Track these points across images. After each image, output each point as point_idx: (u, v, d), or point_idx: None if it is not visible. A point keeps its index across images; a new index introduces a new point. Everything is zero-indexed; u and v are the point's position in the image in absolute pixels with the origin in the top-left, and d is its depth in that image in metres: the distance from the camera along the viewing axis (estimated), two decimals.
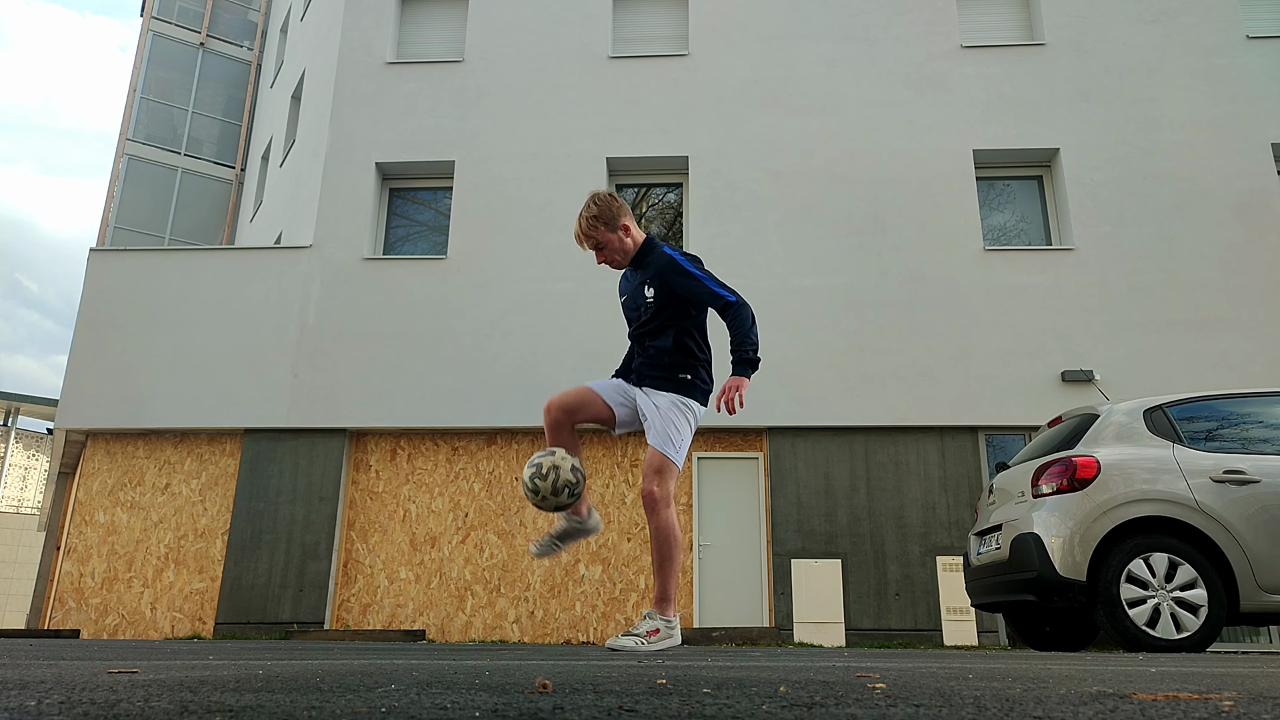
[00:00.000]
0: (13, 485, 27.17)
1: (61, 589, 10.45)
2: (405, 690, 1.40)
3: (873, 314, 10.67)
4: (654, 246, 3.86)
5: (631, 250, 3.87)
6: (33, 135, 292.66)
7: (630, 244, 3.85)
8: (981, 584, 5.73)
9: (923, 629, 9.60)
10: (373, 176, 11.64)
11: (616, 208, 3.82)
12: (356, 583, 10.31)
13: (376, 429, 10.64)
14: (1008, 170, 11.58)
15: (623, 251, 3.85)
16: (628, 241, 3.85)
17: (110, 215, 17.53)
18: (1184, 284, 10.55)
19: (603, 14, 12.19)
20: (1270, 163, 10.98)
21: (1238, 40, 11.51)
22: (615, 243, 3.81)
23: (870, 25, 11.88)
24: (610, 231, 3.80)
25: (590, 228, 3.79)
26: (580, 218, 3.81)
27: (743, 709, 1.17)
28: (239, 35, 19.54)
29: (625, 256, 3.87)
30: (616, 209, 3.81)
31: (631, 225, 3.88)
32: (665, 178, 11.95)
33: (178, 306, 11.12)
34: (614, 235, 3.81)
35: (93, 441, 10.95)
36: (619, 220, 3.81)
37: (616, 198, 3.87)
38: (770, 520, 10.12)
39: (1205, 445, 5.08)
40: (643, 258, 3.86)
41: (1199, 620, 4.71)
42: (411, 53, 12.45)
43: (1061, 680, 1.81)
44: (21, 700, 1.20)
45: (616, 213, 3.81)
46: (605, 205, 3.81)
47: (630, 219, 3.88)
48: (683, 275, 3.72)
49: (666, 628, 3.61)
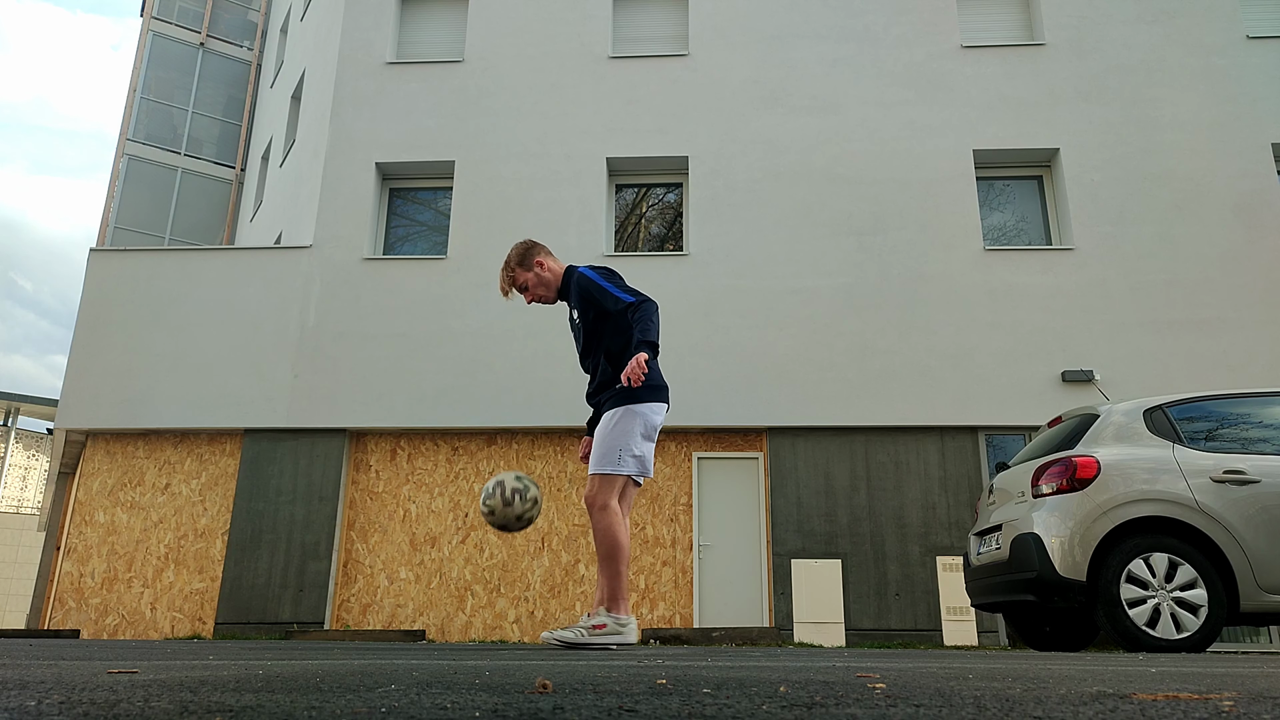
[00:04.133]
0: (13, 485, 27.17)
1: (61, 589, 10.45)
2: (405, 690, 1.40)
3: (873, 314, 10.67)
4: (573, 271, 4.02)
5: (554, 282, 4.04)
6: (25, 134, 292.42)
7: (550, 276, 4.02)
8: (981, 584, 5.73)
9: (923, 629, 9.60)
10: (373, 176, 11.64)
11: (528, 246, 4.02)
12: (356, 583, 10.31)
13: (376, 429, 10.64)
14: (1008, 170, 11.58)
15: (544, 285, 4.02)
16: (546, 275, 4.01)
17: (110, 215, 17.53)
18: (1184, 284, 10.55)
19: (603, 14, 12.19)
20: (1270, 163, 10.98)
21: (1238, 40, 11.51)
22: (533, 280, 4.00)
23: (870, 25, 11.88)
24: (525, 271, 4.00)
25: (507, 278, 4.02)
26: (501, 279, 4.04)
27: (743, 709, 1.17)
28: (239, 35, 19.54)
29: (549, 289, 4.04)
30: (528, 248, 4.02)
31: (547, 259, 4.04)
32: (665, 178, 11.95)
33: (178, 306, 11.12)
34: (529, 274, 4.00)
35: (93, 441, 10.95)
36: (531, 258, 4.00)
37: (530, 239, 4.09)
38: (770, 520, 10.12)
39: (1205, 445, 5.08)
40: (566, 285, 4.03)
41: (1199, 620, 4.71)
42: (411, 53, 12.45)
43: (1061, 680, 1.81)
44: (21, 700, 1.20)
45: (529, 251, 4.01)
46: (518, 249, 4.02)
47: (546, 255, 4.05)
48: (591, 286, 3.88)
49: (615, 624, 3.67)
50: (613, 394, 3.82)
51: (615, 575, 3.71)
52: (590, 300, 3.87)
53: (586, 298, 3.88)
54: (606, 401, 3.86)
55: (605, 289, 3.83)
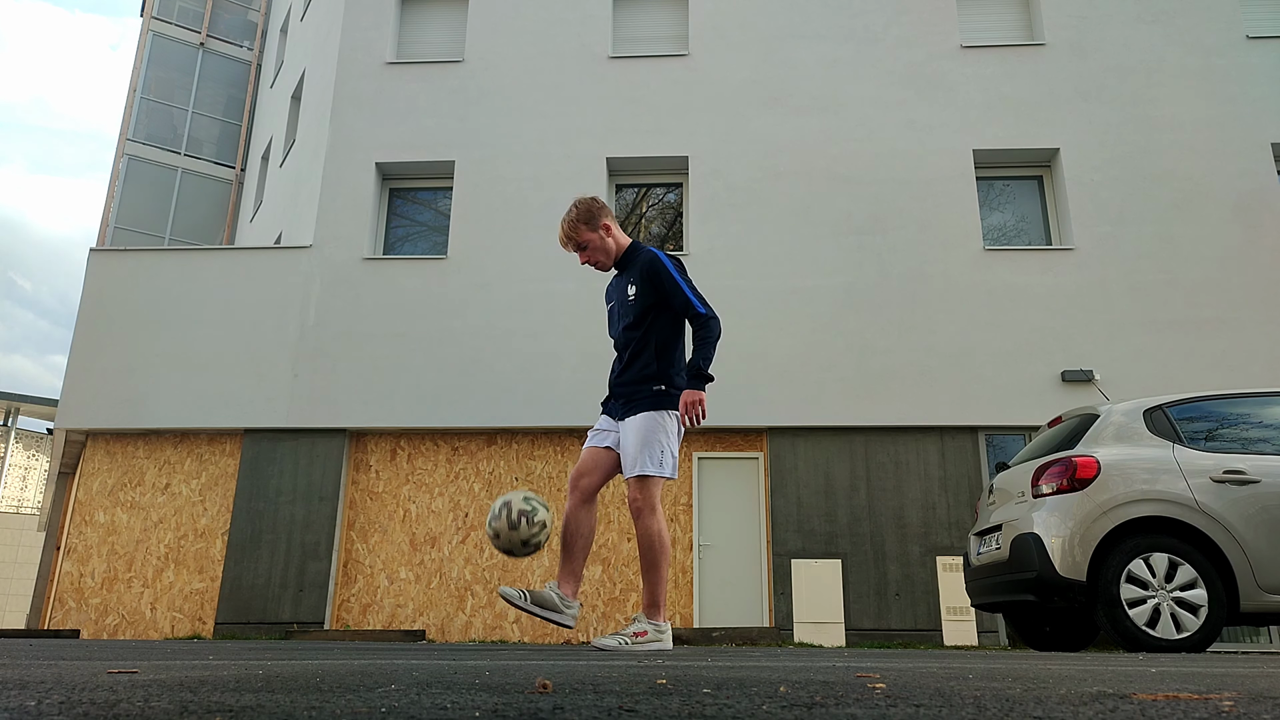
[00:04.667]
0: (13, 485, 27.17)
1: (61, 589, 10.45)
2: (405, 690, 1.40)
3: (873, 314, 10.67)
4: (640, 247, 3.95)
5: (614, 251, 3.95)
6: (24, 134, 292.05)
7: (613, 244, 3.94)
8: (981, 584, 5.73)
9: (923, 629, 9.59)
10: (373, 176, 11.64)
11: (598, 209, 3.91)
12: (356, 583, 10.31)
13: (376, 429, 10.64)
14: (1007, 170, 11.58)
15: (605, 251, 3.93)
16: (609, 241, 3.93)
17: (110, 215, 17.53)
18: (1184, 284, 10.55)
19: (603, 14, 12.19)
20: (1270, 163, 10.98)
21: (1237, 40, 11.51)
22: (596, 241, 3.90)
23: (870, 25, 11.88)
24: (591, 231, 3.89)
25: (571, 229, 3.88)
26: (562, 228, 3.91)
27: (743, 709, 1.17)
28: (239, 35, 19.54)
29: (609, 257, 3.95)
30: (598, 210, 3.90)
31: (614, 227, 3.96)
32: (665, 178, 11.95)
33: (178, 306, 11.12)
34: (594, 235, 3.89)
35: (93, 441, 10.95)
36: (599, 220, 3.90)
37: (599, 200, 3.96)
38: (770, 520, 10.12)
39: (1205, 445, 5.08)
40: (629, 258, 3.94)
41: (1199, 620, 4.71)
42: (411, 53, 12.45)
43: (1061, 680, 1.81)
44: (21, 700, 1.20)
45: (597, 213, 3.90)
46: (586, 206, 3.90)
47: (613, 220, 3.97)
48: (664, 274, 3.78)
49: (655, 631, 3.64)
50: (644, 395, 3.74)
51: (659, 581, 3.67)
52: (658, 287, 3.76)
53: (655, 283, 3.76)
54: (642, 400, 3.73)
55: (679, 285, 3.76)
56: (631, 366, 3.79)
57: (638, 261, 3.85)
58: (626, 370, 3.81)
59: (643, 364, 3.77)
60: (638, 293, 3.80)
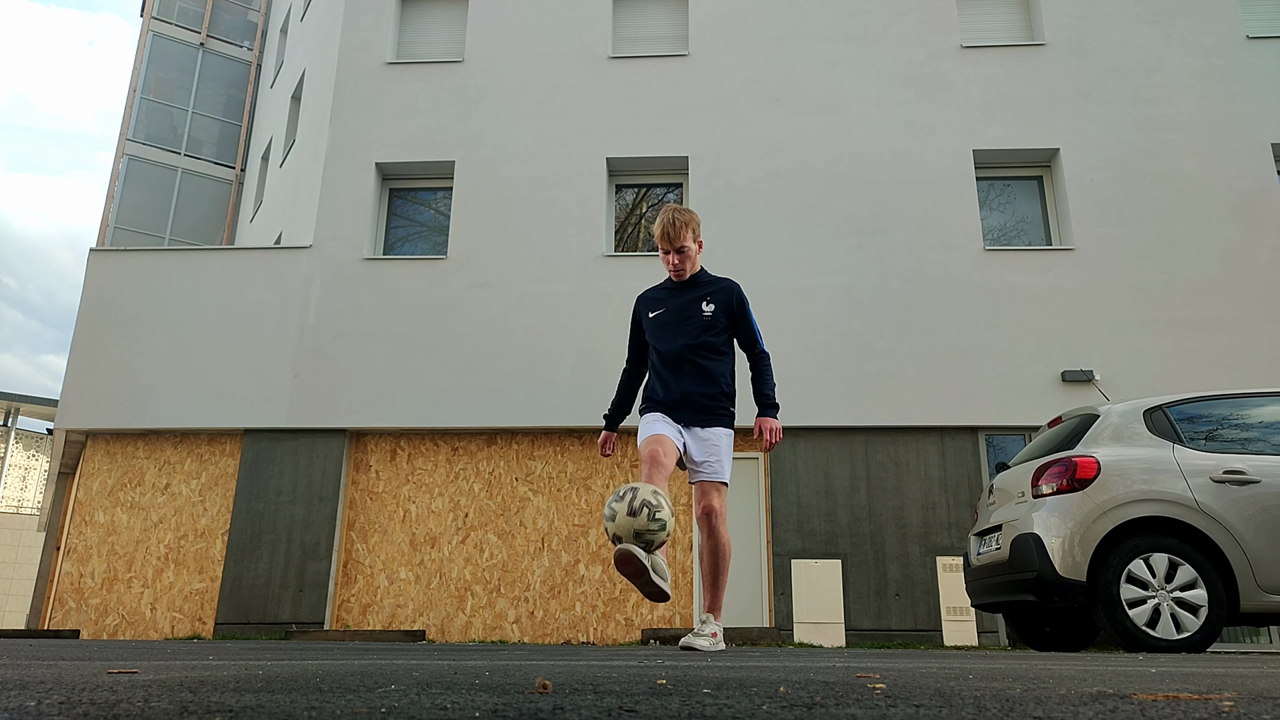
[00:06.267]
0: (13, 485, 27.17)
1: (61, 589, 10.45)
2: (405, 690, 1.40)
3: (873, 314, 10.67)
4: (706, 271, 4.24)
5: (695, 268, 4.17)
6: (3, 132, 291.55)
7: (699, 261, 4.19)
8: (981, 584, 5.73)
9: (923, 629, 9.59)
10: (373, 176, 11.64)
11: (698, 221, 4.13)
12: (356, 583, 10.31)
13: (376, 429, 10.64)
14: (1008, 170, 11.58)
15: (693, 263, 4.15)
16: (698, 257, 4.17)
17: (110, 215, 17.53)
18: (1184, 284, 10.55)
19: (603, 14, 12.19)
20: (1270, 163, 10.98)
21: (1238, 40, 11.51)
22: (693, 252, 4.12)
23: (870, 25, 11.88)
24: (694, 240, 4.10)
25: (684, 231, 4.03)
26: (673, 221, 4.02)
27: (743, 709, 1.17)
28: (239, 35, 19.54)
29: (691, 270, 4.16)
30: (698, 222, 4.13)
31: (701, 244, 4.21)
32: (665, 178, 11.95)
33: (178, 306, 11.12)
34: (695, 245, 4.11)
35: (93, 441, 10.95)
36: (699, 234, 4.13)
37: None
38: (770, 520, 10.12)
39: (1205, 445, 5.08)
40: (703, 277, 4.17)
41: (1199, 620, 4.71)
42: (411, 53, 12.45)
43: (1061, 680, 1.81)
44: (21, 700, 1.20)
45: (699, 229, 4.13)
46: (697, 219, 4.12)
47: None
48: (745, 305, 4.14)
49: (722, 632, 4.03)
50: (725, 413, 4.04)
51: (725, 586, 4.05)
52: (736, 318, 4.11)
53: (736, 314, 4.10)
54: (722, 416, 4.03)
55: (754, 323, 4.16)
56: (707, 381, 4.04)
57: (717, 285, 4.13)
58: (703, 383, 4.03)
59: (722, 382, 4.07)
60: (716, 313, 4.07)
